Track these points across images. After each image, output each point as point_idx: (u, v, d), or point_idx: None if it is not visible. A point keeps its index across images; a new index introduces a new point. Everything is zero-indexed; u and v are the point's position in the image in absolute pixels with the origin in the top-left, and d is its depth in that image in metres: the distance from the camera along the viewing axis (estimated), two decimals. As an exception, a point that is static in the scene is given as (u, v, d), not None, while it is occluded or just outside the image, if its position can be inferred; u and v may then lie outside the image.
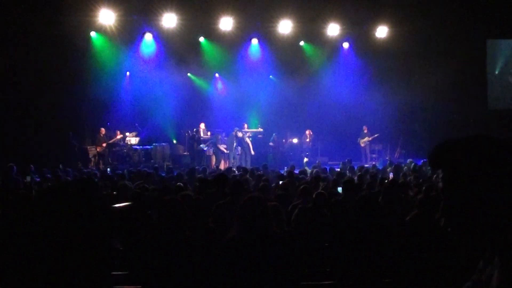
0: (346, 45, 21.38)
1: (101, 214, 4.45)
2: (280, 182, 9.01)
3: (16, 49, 16.49)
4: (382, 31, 20.64)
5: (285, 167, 15.84)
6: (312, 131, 20.17)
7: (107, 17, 17.53)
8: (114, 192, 7.66)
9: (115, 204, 6.31)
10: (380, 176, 10.63)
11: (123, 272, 5.32)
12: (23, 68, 16.77)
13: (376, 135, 19.61)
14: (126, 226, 5.70)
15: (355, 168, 12.96)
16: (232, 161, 17.56)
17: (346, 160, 14.72)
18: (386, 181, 8.86)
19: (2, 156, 14.20)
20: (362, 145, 19.81)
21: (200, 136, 18.31)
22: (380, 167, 14.36)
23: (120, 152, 18.40)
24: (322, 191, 6.71)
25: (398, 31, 20.42)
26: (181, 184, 8.64)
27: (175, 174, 11.40)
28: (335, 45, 21.03)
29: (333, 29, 20.15)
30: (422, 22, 19.47)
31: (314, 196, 6.30)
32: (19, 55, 16.58)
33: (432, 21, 19.26)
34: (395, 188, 6.70)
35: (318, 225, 5.94)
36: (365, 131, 19.88)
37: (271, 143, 19.35)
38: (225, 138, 18.48)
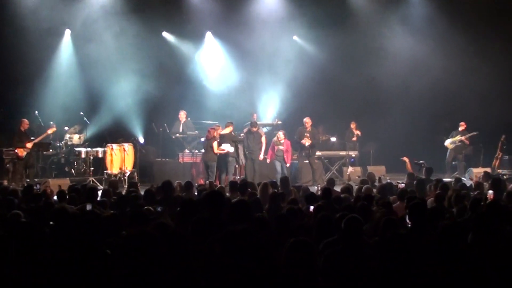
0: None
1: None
2: (311, 208, 8.93)
3: None
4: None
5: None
6: (359, 125, 20.15)
7: None
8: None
9: None
10: (471, 196, 10.42)
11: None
12: None
13: (474, 134, 19.48)
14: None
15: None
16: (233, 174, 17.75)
17: (423, 167, 14.54)
18: (482, 203, 8.73)
19: None
20: (450, 147, 19.71)
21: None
22: (468, 182, 14.38)
23: (55, 158, 18.17)
24: (356, 215, 6.50)
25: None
26: (150, 208, 8.72)
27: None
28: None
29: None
30: None
31: (344, 224, 6.21)
32: None
33: None
34: (496, 215, 6.58)
35: (359, 275, 5.89)
36: (462, 128, 19.75)
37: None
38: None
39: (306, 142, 17.80)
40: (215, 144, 16.96)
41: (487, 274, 5.45)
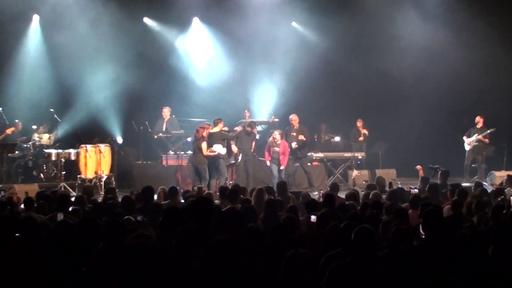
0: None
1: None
2: (312, 217, 8.96)
3: None
4: None
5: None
6: (367, 123, 20.22)
7: None
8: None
9: None
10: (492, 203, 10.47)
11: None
12: None
13: (491, 131, 19.31)
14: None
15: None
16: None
17: (439, 171, 14.57)
18: (505, 211, 8.86)
19: None
20: (468, 147, 19.63)
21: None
22: (489, 187, 14.65)
23: (22, 160, 18.15)
24: (368, 226, 6.41)
25: None
26: (130, 217, 8.84)
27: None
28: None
29: None
30: None
31: (354, 236, 6.16)
32: None
33: None
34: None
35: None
36: (480, 125, 19.57)
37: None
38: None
39: (293, 143, 17.66)
40: (204, 145, 16.85)
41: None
